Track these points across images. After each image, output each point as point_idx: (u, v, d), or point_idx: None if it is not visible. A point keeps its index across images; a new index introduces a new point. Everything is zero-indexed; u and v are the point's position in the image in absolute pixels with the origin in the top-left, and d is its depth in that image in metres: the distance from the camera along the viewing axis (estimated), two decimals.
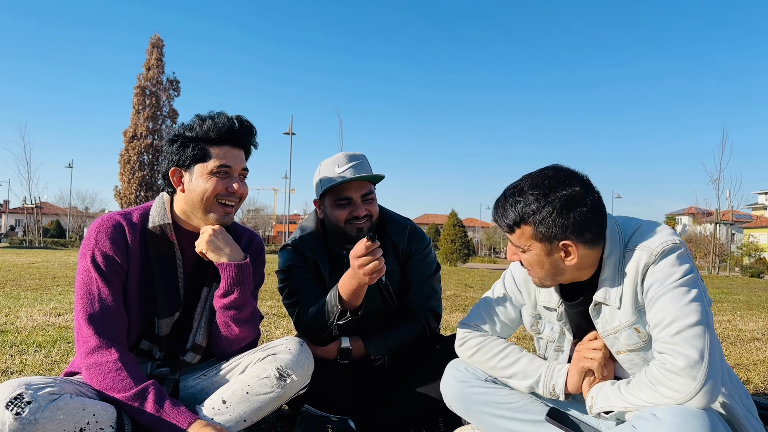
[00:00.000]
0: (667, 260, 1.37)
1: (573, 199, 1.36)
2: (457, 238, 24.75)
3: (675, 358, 1.27)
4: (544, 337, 1.65)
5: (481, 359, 1.66)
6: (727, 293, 11.20)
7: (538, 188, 1.38)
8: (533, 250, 1.43)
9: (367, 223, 2.06)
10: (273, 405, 1.64)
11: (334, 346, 2.04)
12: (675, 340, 1.28)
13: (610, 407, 1.37)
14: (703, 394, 1.24)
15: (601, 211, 1.41)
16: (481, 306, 1.76)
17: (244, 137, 1.72)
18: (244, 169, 1.74)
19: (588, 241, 1.40)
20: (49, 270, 9.94)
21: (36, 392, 1.39)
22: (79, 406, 1.45)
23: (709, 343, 1.27)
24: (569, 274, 1.46)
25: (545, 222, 1.37)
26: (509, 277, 1.72)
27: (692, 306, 1.31)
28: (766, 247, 39.14)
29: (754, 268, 24.97)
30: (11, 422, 1.34)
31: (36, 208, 33.54)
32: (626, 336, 1.44)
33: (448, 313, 6.00)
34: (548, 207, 1.36)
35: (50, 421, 1.38)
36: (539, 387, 1.55)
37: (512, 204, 1.41)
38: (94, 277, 1.62)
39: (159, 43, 35.32)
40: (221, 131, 1.67)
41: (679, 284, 1.34)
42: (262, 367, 1.64)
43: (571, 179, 1.39)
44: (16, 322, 4.19)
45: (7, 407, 1.34)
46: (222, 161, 1.68)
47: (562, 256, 1.41)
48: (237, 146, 1.72)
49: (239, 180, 1.72)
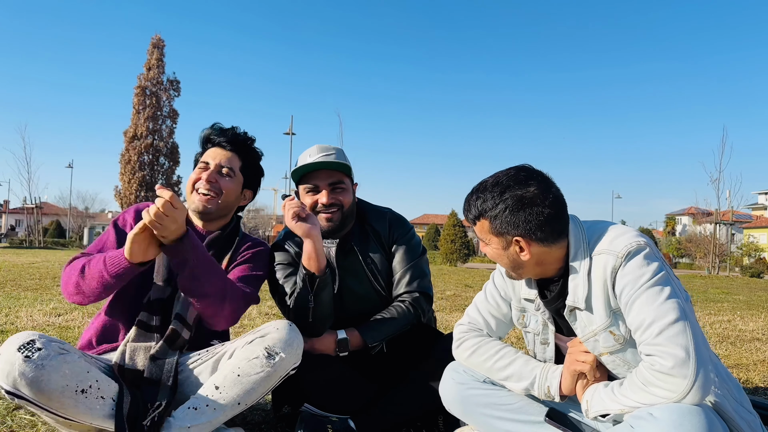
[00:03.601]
0: (634, 262, 1.39)
1: (524, 200, 1.44)
2: (457, 238, 24.77)
3: (663, 359, 1.28)
4: (530, 330, 1.67)
5: (478, 361, 1.67)
6: (727, 293, 11.21)
7: (497, 186, 1.48)
8: (492, 244, 1.53)
9: (337, 213, 2.08)
10: (265, 385, 1.66)
11: (332, 339, 2.04)
12: (659, 341, 1.30)
13: (605, 410, 1.38)
14: (696, 389, 1.26)
15: (556, 213, 1.46)
16: (475, 305, 1.79)
17: (220, 138, 2.00)
18: (224, 166, 1.96)
19: (540, 239, 1.46)
20: (49, 270, 9.95)
21: (48, 342, 1.48)
22: (85, 367, 1.52)
23: (692, 338, 1.29)
24: (531, 269, 1.53)
25: (498, 218, 1.47)
26: (498, 272, 1.75)
27: (668, 304, 1.33)
28: (766, 247, 39.13)
29: (754, 268, 24.97)
30: (20, 364, 1.41)
31: (36, 208, 33.57)
32: (603, 339, 1.47)
33: (448, 313, 6.00)
34: (501, 205, 1.46)
35: (56, 371, 1.44)
36: (534, 389, 1.56)
37: (475, 199, 1.52)
38: (110, 231, 1.88)
39: (160, 43, 35.28)
40: (205, 137, 2.03)
41: (651, 284, 1.36)
42: (250, 349, 1.68)
43: (527, 180, 1.47)
44: (16, 322, 4.19)
45: (18, 350, 1.43)
46: (203, 157, 1.99)
47: (517, 251, 1.49)
48: (218, 146, 2.01)
49: (216, 173, 1.94)
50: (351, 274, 2.15)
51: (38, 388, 1.41)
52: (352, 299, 2.14)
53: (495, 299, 1.74)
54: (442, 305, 6.75)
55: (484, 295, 1.77)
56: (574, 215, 1.54)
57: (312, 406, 1.98)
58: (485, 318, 1.74)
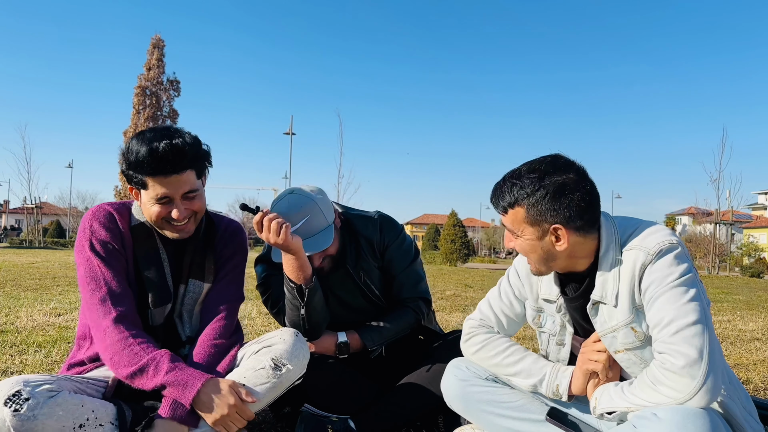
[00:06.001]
0: (665, 260, 1.38)
1: (566, 186, 1.41)
2: (457, 238, 24.78)
3: (674, 358, 1.27)
4: (546, 331, 1.66)
5: (486, 356, 1.67)
6: (727, 293, 11.21)
7: (534, 173, 1.44)
8: (526, 235, 1.47)
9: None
10: (270, 395, 1.65)
11: (332, 342, 2.04)
12: (674, 340, 1.29)
13: (613, 408, 1.38)
14: (703, 392, 1.25)
15: (593, 201, 1.44)
16: (488, 301, 1.77)
17: (172, 165, 1.62)
18: (190, 191, 1.67)
19: (578, 228, 1.43)
20: (49, 270, 9.95)
21: (34, 389, 1.39)
22: (78, 402, 1.45)
23: (708, 342, 1.28)
24: (562, 261, 1.49)
25: (537, 205, 1.42)
26: (513, 271, 1.73)
27: (691, 305, 1.32)
28: (766, 247, 39.16)
29: (754, 268, 24.96)
30: (10, 419, 1.34)
31: (36, 208, 33.56)
32: (623, 335, 1.45)
33: (448, 313, 6.00)
34: (541, 191, 1.41)
35: (49, 417, 1.38)
36: (542, 386, 1.56)
37: (509, 186, 1.46)
38: (96, 263, 1.65)
39: (160, 43, 35.29)
40: (146, 165, 1.61)
41: (677, 284, 1.35)
42: (257, 359, 1.66)
43: (567, 167, 1.44)
44: (16, 322, 4.19)
45: (5, 404, 1.35)
46: (158, 192, 1.64)
47: (552, 241, 1.45)
48: (170, 173, 1.63)
49: (184, 203, 1.68)
50: (343, 288, 2.12)
51: None
52: (346, 311, 2.14)
53: (509, 297, 1.72)
54: (442, 305, 6.75)
55: (498, 292, 1.75)
56: (605, 211, 1.51)
57: (312, 407, 1.98)
58: (497, 315, 1.73)
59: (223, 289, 1.82)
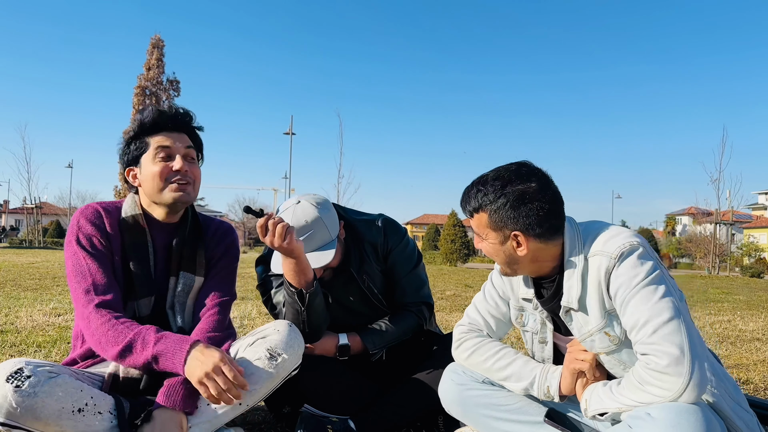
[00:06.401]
0: (628, 262, 1.40)
1: (525, 195, 1.45)
2: (457, 238, 24.82)
3: (658, 358, 1.29)
4: (529, 330, 1.67)
5: (477, 361, 1.67)
6: (727, 293, 11.21)
7: (498, 180, 1.48)
8: (490, 238, 1.52)
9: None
10: (267, 386, 1.66)
11: (333, 343, 2.04)
12: (654, 340, 1.31)
13: (603, 409, 1.39)
14: (691, 387, 1.27)
15: (554, 209, 1.47)
16: (474, 305, 1.78)
17: (174, 119, 1.78)
18: (189, 148, 1.78)
19: (538, 235, 1.46)
20: (49, 270, 9.95)
21: (36, 368, 1.43)
22: (78, 387, 1.48)
23: (687, 336, 1.30)
24: (526, 265, 1.53)
25: (499, 212, 1.47)
26: (496, 272, 1.75)
27: (663, 303, 1.34)
28: (766, 247, 39.13)
29: (754, 268, 24.95)
30: (11, 394, 1.37)
31: (36, 208, 33.56)
32: (599, 339, 1.47)
33: (447, 313, 6.00)
34: (502, 198, 1.46)
35: (49, 396, 1.41)
36: (534, 389, 1.56)
37: (475, 192, 1.51)
38: (81, 256, 1.69)
39: (159, 43, 35.29)
40: (151, 119, 1.77)
41: (645, 284, 1.37)
42: (252, 350, 1.67)
43: (529, 176, 1.47)
44: (16, 322, 4.19)
45: (7, 380, 1.38)
46: (160, 144, 1.75)
47: (514, 246, 1.49)
48: (173, 130, 1.78)
49: (185, 160, 1.76)
50: (346, 292, 2.12)
51: (35, 416, 1.39)
52: (347, 314, 2.14)
53: (494, 299, 1.74)
54: (442, 305, 6.75)
55: (483, 295, 1.77)
56: (570, 216, 1.54)
57: (312, 407, 1.98)
58: (485, 318, 1.74)
59: (216, 285, 1.83)
